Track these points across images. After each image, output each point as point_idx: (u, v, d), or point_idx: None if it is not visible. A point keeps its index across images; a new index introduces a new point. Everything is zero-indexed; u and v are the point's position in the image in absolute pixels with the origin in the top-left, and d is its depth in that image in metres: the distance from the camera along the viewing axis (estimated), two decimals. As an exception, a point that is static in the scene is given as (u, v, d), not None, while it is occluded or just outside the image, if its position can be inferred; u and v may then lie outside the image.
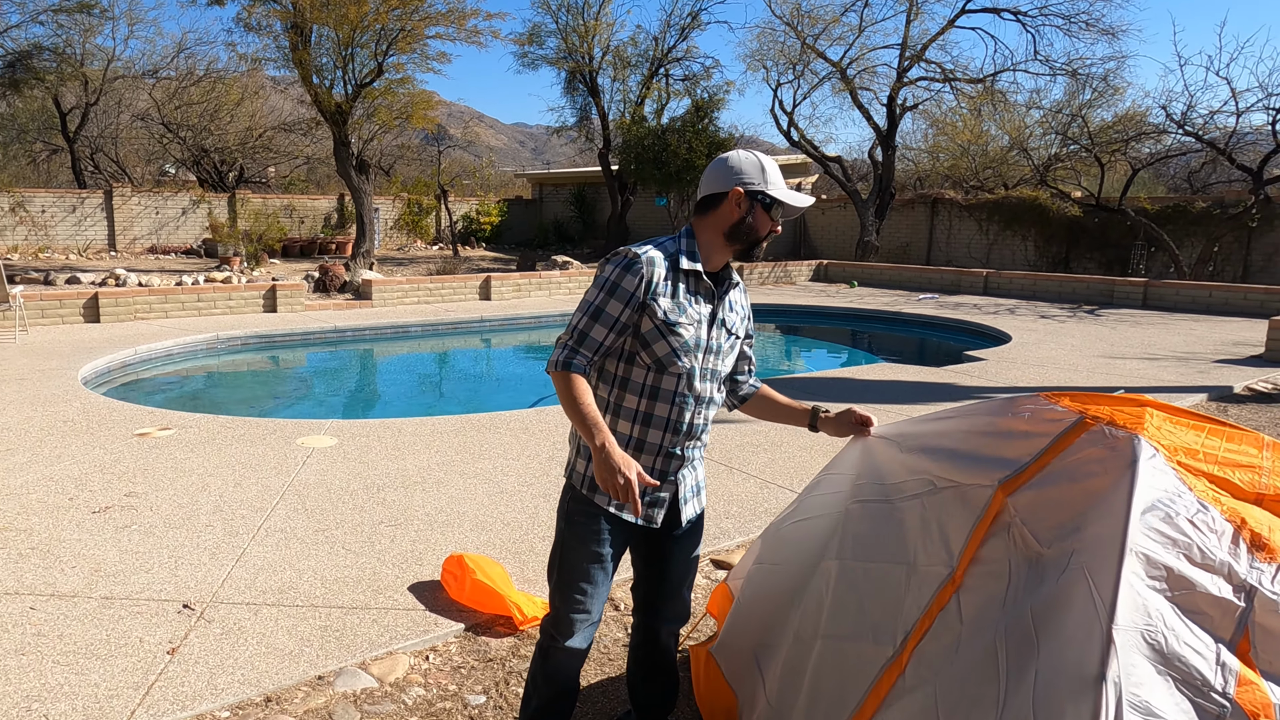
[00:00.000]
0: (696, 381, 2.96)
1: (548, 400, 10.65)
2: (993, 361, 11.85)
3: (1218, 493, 2.37)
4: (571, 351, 2.87)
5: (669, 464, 3.01)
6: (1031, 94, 39.24)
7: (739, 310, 3.09)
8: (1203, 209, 23.80)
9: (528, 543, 5.39)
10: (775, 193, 2.89)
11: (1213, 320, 16.94)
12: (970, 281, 22.01)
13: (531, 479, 6.62)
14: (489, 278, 18.97)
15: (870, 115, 27.89)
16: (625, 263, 2.86)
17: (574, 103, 31.67)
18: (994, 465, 2.70)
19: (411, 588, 4.75)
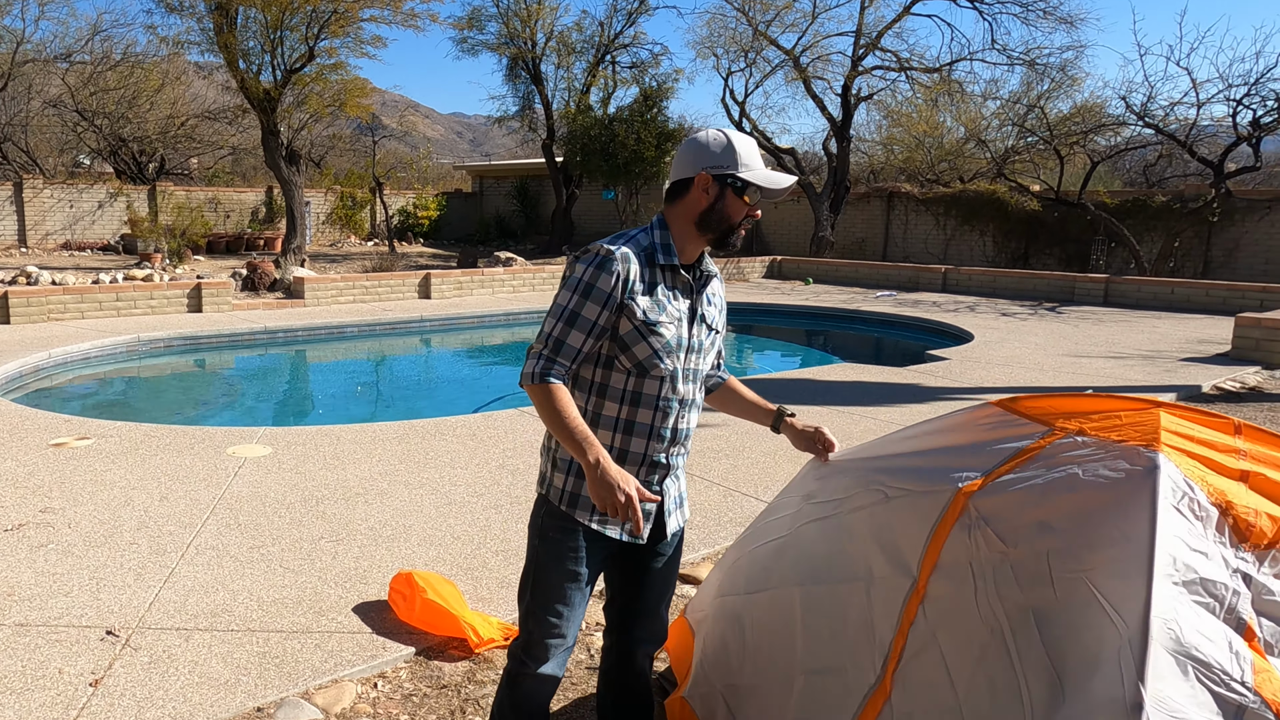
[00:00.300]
0: (680, 383, 2.86)
1: (495, 404, 10.51)
2: (956, 361, 11.87)
3: (1203, 471, 2.31)
4: (548, 361, 2.74)
5: (654, 474, 2.91)
6: (988, 84, 39.65)
7: (717, 303, 2.99)
8: (1163, 203, 24.14)
9: (480, 558, 5.25)
10: (747, 174, 2.76)
11: (1176, 317, 17.14)
12: (929, 278, 22.13)
13: (482, 489, 6.48)
14: (428, 275, 18.77)
15: (824, 105, 27.99)
16: (598, 261, 2.74)
17: (516, 91, 31.51)
18: (956, 473, 2.63)
19: (357, 608, 4.60)
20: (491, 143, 78.73)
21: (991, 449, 2.61)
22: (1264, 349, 12.31)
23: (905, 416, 8.69)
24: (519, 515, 5.95)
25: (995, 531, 2.40)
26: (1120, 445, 2.37)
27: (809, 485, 3.20)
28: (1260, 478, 2.32)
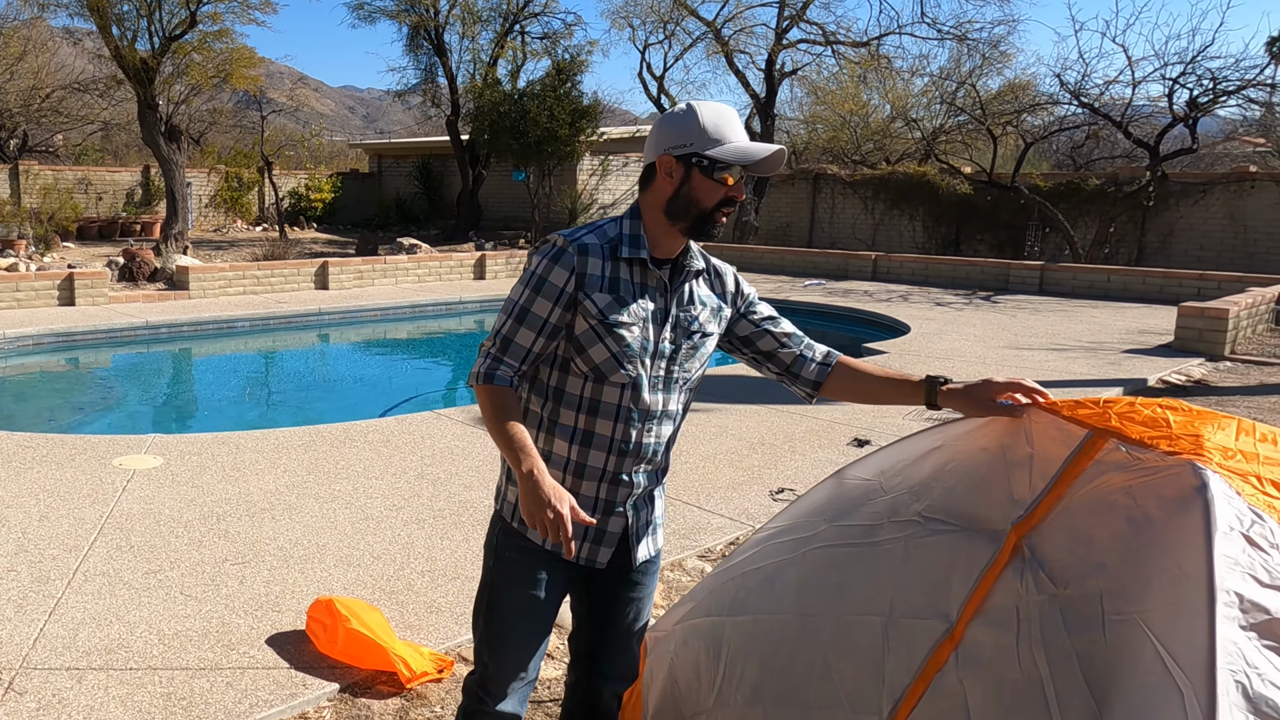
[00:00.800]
0: (645, 393, 2.72)
1: (407, 406, 10.33)
2: (895, 355, 11.95)
3: (1270, 498, 2.22)
4: (494, 361, 2.66)
5: (616, 492, 2.78)
6: (916, 59, 40.16)
7: (707, 303, 2.83)
8: (1097, 187, 24.61)
9: (404, 580, 5.11)
10: (715, 151, 2.59)
11: (1113, 306, 17.47)
12: (858, 265, 22.30)
13: (401, 501, 6.32)
14: (326, 263, 18.43)
15: (747, 81, 28.09)
16: (552, 252, 2.65)
17: (417, 63, 31.07)
18: (1001, 501, 2.53)
19: (271, 640, 4.43)
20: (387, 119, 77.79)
21: (1035, 469, 2.53)
22: (1207, 340, 12.57)
23: (849, 415, 8.69)
24: (443, 530, 5.81)
25: (1047, 572, 2.32)
26: (1169, 463, 2.30)
27: (831, 507, 3.05)
28: None
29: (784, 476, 7.01)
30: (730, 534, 5.88)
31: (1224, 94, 21.42)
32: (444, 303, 17.47)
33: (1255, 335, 14.06)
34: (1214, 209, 23.24)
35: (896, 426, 8.34)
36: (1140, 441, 2.37)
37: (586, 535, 2.81)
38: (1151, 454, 2.32)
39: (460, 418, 8.54)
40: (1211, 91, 21.43)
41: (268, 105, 32.27)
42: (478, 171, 30.48)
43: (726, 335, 2.95)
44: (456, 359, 14.30)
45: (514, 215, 33.14)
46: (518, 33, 30.33)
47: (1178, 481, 2.23)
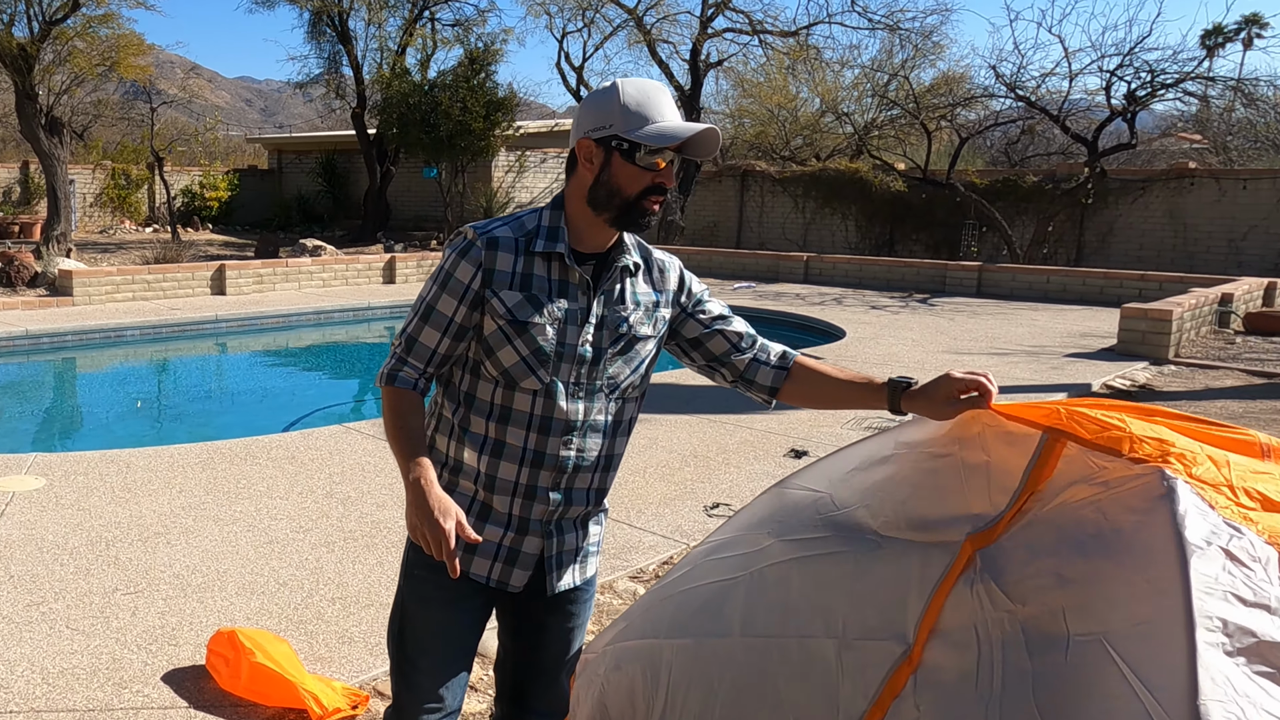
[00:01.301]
0: (562, 400, 2.62)
1: (312, 419, 10.17)
2: (831, 361, 11.90)
3: (1245, 509, 2.17)
4: (399, 361, 2.63)
5: (531, 508, 2.68)
6: (847, 50, 40.50)
7: (642, 302, 2.73)
8: (1034, 184, 25.03)
9: (313, 608, 4.99)
10: (636, 133, 2.50)
11: (1053, 308, 17.73)
12: (790, 267, 22.43)
13: (307, 523, 6.20)
14: (223, 267, 18.14)
15: (671, 72, 28.16)
16: (460, 247, 2.60)
17: (320, 51, 30.79)
18: (958, 514, 2.49)
19: (167, 677, 4.30)
20: (287, 111, 77.09)
21: (993, 478, 2.48)
22: (1150, 342, 12.78)
23: (785, 425, 8.69)
24: (355, 553, 5.70)
25: (1002, 586, 2.27)
26: (1136, 472, 2.25)
27: (775, 520, 2.98)
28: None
29: (719, 490, 6.98)
30: (664, 552, 5.83)
31: (1162, 87, 21.87)
32: (351, 308, 17.28)
33: (1199, 338, 14.33)
34: (1153, 207, 23.75)
35: (835, 436, 8.36)
36: (1097, 444, 2.33)
37: (498, 554, 2.72)
38: (1118, 462, 2.28)
39: (371, 431, 8.42)
40: (1149, 85, 21.88)
41: (158, 97, 31.73)
42: (386, 168, 30.22)
43: (673, 338, 2.86)
44: (365, 369, 14.15)
45: (425, 215, 32.92)
46: (427, 19, 30.14)
47: (1146, 492, 2.19)
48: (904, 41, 28.80)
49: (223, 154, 40.14)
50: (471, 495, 2.69)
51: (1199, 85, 22.61)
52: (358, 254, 22.63)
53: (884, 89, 28.84)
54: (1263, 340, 14.46)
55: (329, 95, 31.21)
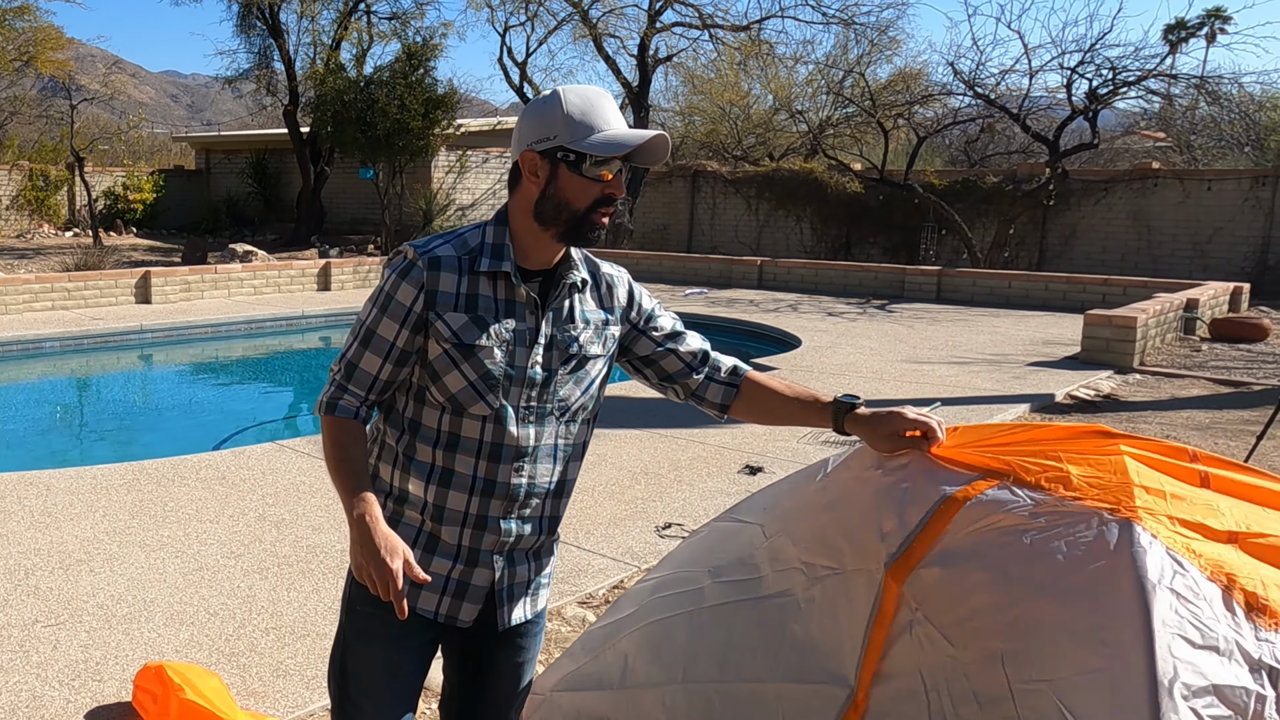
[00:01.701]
0: (513, 426, 2.61)
1: (244, 436, 10.10)
2: (786, 370, 12.05)
3: (1187, 538, 2.17)
4: (338, 389, 2.61)
5: (481, 539, 2.66)
6: (800, 45, 40.77)
7: (591, 320, 2.73)
8: (994, 185, 25.25)
9: (246, 639, 4.96)
10: (583, 143, 2.50)
11: (1015, 315, 17.91)
12: (743, 272, 22.52)
13: (239, 548, 6.15)
14: (148, 274, 17.98)
15: (618, 68, 28.21)
16: (400, 267, 2.58)
17: (250, 45, 30.49)
18: (869, 538, 2.50)
19: (91, 715, 4.26)
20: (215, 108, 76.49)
21: (910, 497, 2.49)
22: (1115, 350, 12.94)
23: (740, 440, 8.73)
24: (290, 580, 5.66)
25: (938, 628, 2.28)
26: (1071, 509, 2.25)
27: (713, 557, 2.99)
28: (1250, 539, 2.21)
29: (671, 509, 6.99)
30: (614, 576, 5.83)
31: (1124, 85, 22.14)
32: (284, 318, 17.16)
33: (1165, 345, 14.53)
34: (1117, 208, 24.04)
35: (791, 451, 8.40)
36: (1038, 485, 2.34)
37: (446, 588, 2.70)
38: (1050, 497, 2.29)
39: (306, 449, 8.37)
40: (1111, 82, 22.13)
41: (78, 93, 31.41)
42: (320, 168, 30.05)
43: (624, 354, 2.87)
44: (300, 382, 14.07)
45: (362, 217, 32.77)
46: (363, 12, 30.00)
47: (1086, 529, 2.20)
48: (859, 36, 29.02)
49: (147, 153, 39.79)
50: (418, 526, 2.66)
51: (1162, 83, 22.89)
52: (291, 259, 22.49)
53: (839, 86, 29.04)
54: (1229, 347, 14.66)
55: (260, 91, 30.99)
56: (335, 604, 5.24)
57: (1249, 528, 2.23)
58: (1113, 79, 22.04)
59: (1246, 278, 21.17)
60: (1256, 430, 8.25)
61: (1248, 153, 26.60)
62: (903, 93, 27.41)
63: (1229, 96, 23.91)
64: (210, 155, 37.94)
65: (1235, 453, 8.38)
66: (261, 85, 30.69)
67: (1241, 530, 2.22)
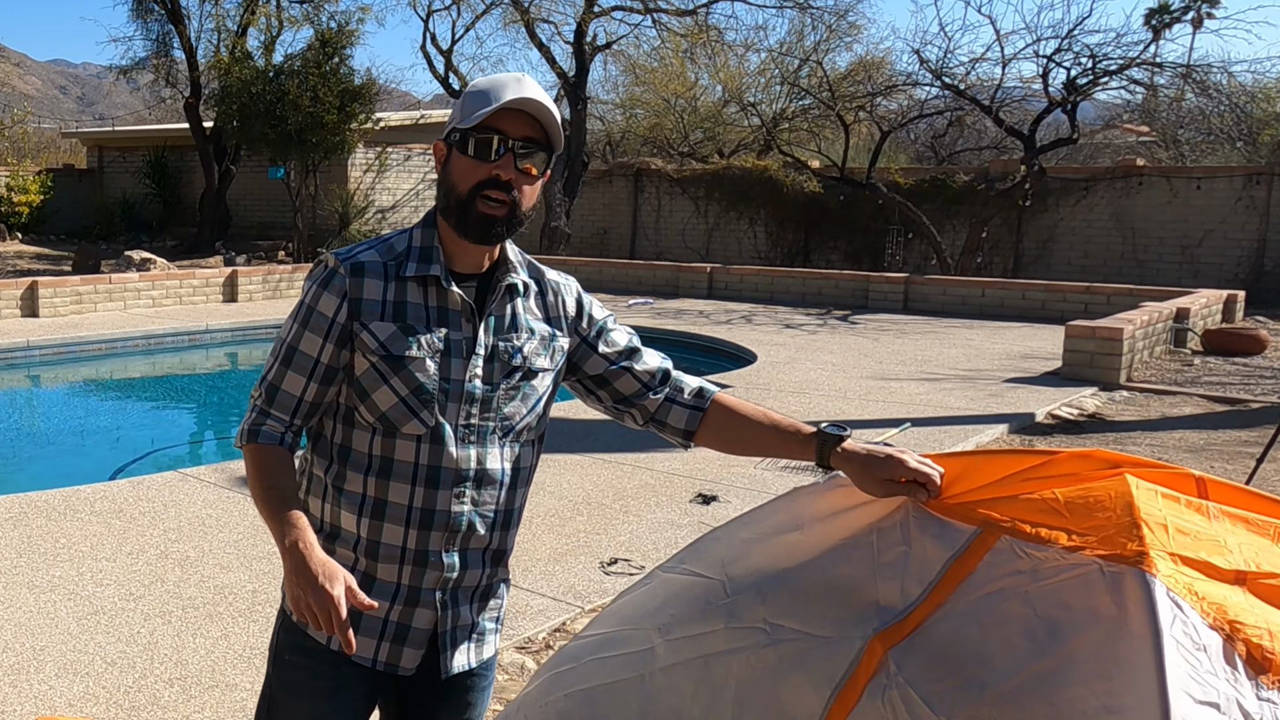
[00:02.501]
0: (451, 446, 2.58)
1: (144, 464, 10.01)
2: (741, 389, 12.08)
3: (1190, 577, 2.14)
4: (260, 414, 2.56)
5: (423, 576, 2.63)
6: (751, 31, 40.98)
7: (536, 330, 2.71)
8: (965, 184, 25.47)
9: (148, 691, 4.92)
10: (465, 121, 2.50)
11: (990, 326, 18.07)
12: (692, 280, 22.62)
13: (139, 589, 6.10)
14: (35, 284, 17.82)
15: (553, 56, 28.25)
16: (320, 277, 2.57)
17: (147, 32, 30.37)
18: (864, 608, 2.49)
19: (-25, 779, 4.22)
20: (108, 101, 75.73)
21: (909, 569, 2.49)
22: (1099, 365, 13.05)
23: (691, 466, 8.74)
24: (195, 625, 5.62)
25: (921, 695, 2.27)
26: (1071, 561, 2.25)
27: (663, 611, 2.94)
28: (1260, 579, 2.19)
29: (617, 544, 7.00)
30: (555, 618, 5.83)
31: (1105, 74, 22.39)
32: (187, 332, 17.04)
33: (1153, 359, 14.68)
34: (1098, 209, 24.29)
35: (747, 479, 8.43)
36: (1037, 537, 2.31)
37: (384, 632, 2.66)
38: (1050, 551, 2.26)
39: (213, 478, 8.31)
40: (1091, 71, 22.36)
41: (-45, 85, 31.07)
42: (225, 167, 29.91)
43: (574, 374, 2.84)
44: (204, 403, 13.98)
45: (272, 221, 32.59)
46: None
47: (1086, 583, 2.18)
48: (816, 21, 29.23)
49: (34, 151, 39.39)
50: (351, 565, 2.61)
51: (1145, 72, 23.19)
52: (193, 268, 22.32)
53: (794, 75, 29.21)
54: (1223, 361, 14.79)
55: (158, 82, 30.80)
56: (246, 651, 5.21)
57: (1259, 566, 2.20)
58: (1092, 68, 22.29)
59: (1240, 284, 21.36)
60: (1255, 452, 8.28)
61: (1240, 148, 26.89)
62: (864, 83, 27.63)
63: (1218, 87, 24.21)
64: (104, 153, 37.63)
65: (1233, 477, 8.47)
66: (160, 75, 30.50)
67: (1251, 569, 2.19)
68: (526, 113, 2.51)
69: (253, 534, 7.02)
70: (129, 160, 36.57)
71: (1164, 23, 47.19)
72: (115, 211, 34.56)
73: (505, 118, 2.50)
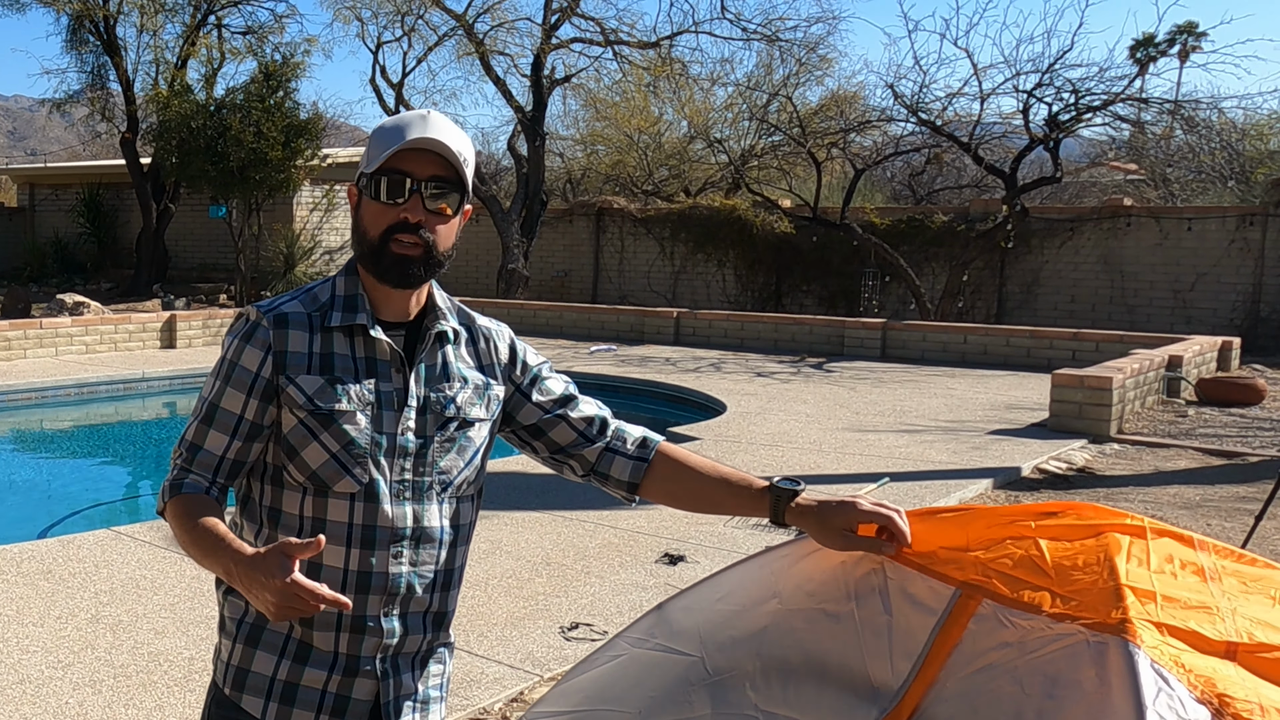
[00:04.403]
0: (387, 504, 2.57)
1: (74, 523, 9.93)
2: (710, 441, 12.07)
3: (1177, 650, 2.16)
4: (181, 473, 2.55)
5: (361, 644, 2.61)
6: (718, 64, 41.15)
7: (469, 379, 2.72)
8: (944, 224, 25.53)
9: (76, 769, 4.85)
10: (372, 164, 2.54)
11: (973, 374, 18.12)
12: (657, 325, 22.65)
13: (69, 656, 6.03)
14: (-42, 329, 17.70)
15: (509, 91, 28.29)
16: (243, 329, 2.58)
17: (82, 64, 30.32)
18: (859, 690, 2.48)
19: None
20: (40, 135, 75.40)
21: (895, 641, 2.48)
22: (1088, 416, 13.06)
23: (656, 523, 8.72)
24: (128, 695, 5.56)
25: None
26: (1056, 632, 2.26)
27: (639, 691, 2.89)
28: (1252, 652, 2.19)
29: (578, 607, 6.96)
30: (512, 686, 5.79)
31: (1088, 110, 22.55)
32: (121, 380, 16.94)
33: (1145, 409, 14.70)
34: (1085, 251, 24.38)
35: (718, 537, 8.41)
36: (1020, 600, 2.34)
37: (323, 705, 2.63)
38: (1037, 620, 2.29)
39: (148, 536, 8.24)
40: (1074, 107, 22.52)
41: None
42: (164, 206, 29.81)
43: (509, 424, 2.84)
44: (140, 456, 13.89)
45: (213, 263, 32.51)
46: (213, 26, 30.00)
47: (1072, 657, 2.20)
48: (785, 54, 29.36)
49: (-42, 188, 39.16)
50: (285, 634, 2.60)
51: (1131, 107, 23.32)
52: (129, 311, 22.21)
53: (763, 110, 29.33)
54: (1219, 412, 14.79)
55: (93, 117, 30.74)
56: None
57: (1251, 637, 2.21)
58: (1075, 103, 22.43)
59: (1236, 331, 21.43)
60: (1254, 509, 8.25)
61: (1231, 187, 27.10)
62: (836, 118, 27.74)
63: (1208, 123, 24.39)
64: (35, 190, 37.50)
65: (1231, 534, 8.49)
66: (95, 109, 30.45)
67: (1242, 642, 2.20)
68: (434, 152, 2.53)
69: (190, 596, 6.96)
70: (62, 198, 36.42)
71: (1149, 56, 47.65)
72: (47, 252, 34.38)
73: (411, 158, 2.52)
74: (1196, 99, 24.09)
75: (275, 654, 2.59)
